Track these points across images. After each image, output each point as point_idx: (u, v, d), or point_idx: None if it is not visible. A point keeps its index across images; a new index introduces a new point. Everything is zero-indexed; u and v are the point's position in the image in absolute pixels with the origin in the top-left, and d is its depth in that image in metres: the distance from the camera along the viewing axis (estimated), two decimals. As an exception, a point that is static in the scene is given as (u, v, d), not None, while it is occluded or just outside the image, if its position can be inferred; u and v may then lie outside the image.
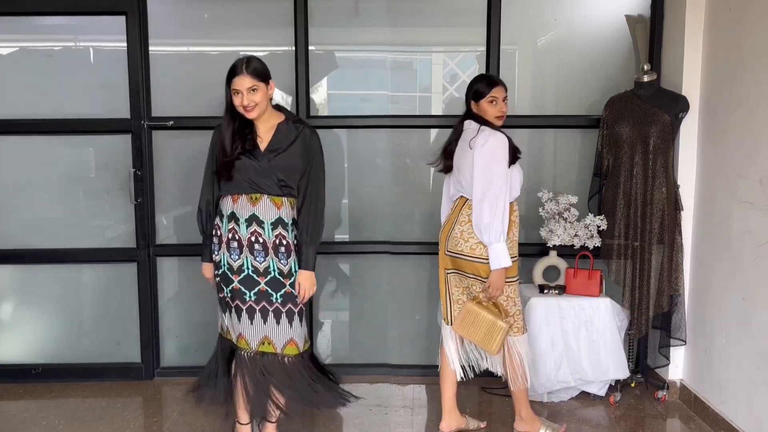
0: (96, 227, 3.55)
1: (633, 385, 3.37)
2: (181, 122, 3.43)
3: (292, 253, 2.57)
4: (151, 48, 3.43)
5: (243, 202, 2.53)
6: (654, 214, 3.14)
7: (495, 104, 2.70)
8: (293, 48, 3.42)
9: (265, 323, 2.54)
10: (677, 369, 3.28)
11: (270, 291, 2.54)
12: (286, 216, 2.56)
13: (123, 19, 3.37)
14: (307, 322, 2.80)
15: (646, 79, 3.16)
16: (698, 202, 3.17)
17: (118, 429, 3.01)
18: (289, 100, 3.49)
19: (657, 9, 3.34)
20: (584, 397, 3.28)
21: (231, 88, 2.48)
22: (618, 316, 3.23)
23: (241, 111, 2.50)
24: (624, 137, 3.17)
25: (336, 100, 3.63)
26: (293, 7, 3.38)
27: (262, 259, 2.53)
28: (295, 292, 2.56)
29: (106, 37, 3.44)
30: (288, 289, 2.55)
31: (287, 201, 2.57)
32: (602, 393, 3.27)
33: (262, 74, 2.48)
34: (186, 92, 3.50)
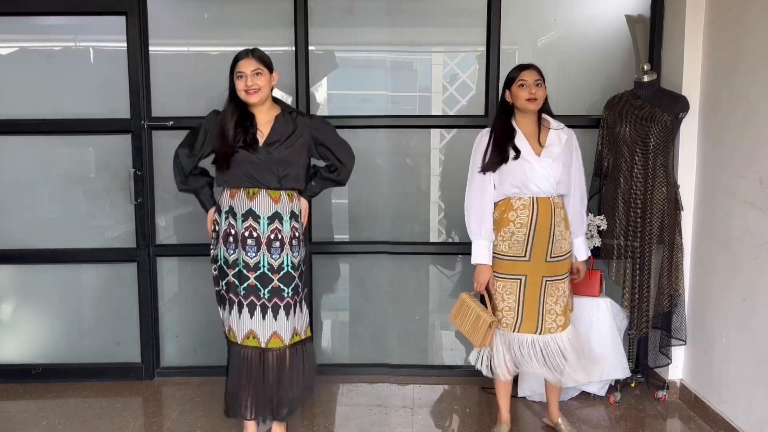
0: (96, 227, 3.55)
1: (633, 385, 3.37)
2: (181, 122, 3.43)
3: (286, 245, 2.58)
4: (151, 48, 3.43)
5: (241, 197, 2.55)
6: (654, 214, 3.14)
7: (524, 87, 2.71)
8: (293, 48, 3.42)
9: (251, 318, 2.57)
10: (677, 369, 3.28)
11: (259, 286, 2.56)
12: (284, 210, 2.57)
13: (123, 19, 3.37)
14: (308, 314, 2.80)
15: (646, 79, 3.16)
16: (698, 202, 3.17)
17: (118, 429, 3.01)
18: (289, 100, 3.49)
19: (657, 9, 3.34)
20: (584, 397, 3.28)
21: (235, 72, 2.52)
22: (618, 316, 3.23)
23: (243, 96, 2.52)
24: (624, 137, 3.17)
25: (336, 100, 3.63)
26: (293, 7, 3.39)
27: (254, 254, 2.54)
28: (282, 286, 2.57)
29: (106, 37, 3.44)
30: (276, 284, 2.57)
31: (285, 194, 2.58)
32: (602, 393, 3.27)
33: (265, 62, 2.55)
34: (186, 92, 3.50)
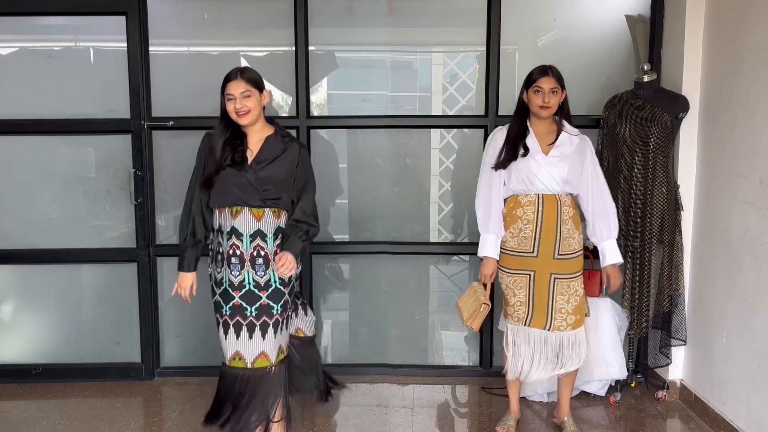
0: (96, 227, 3.55)
1: (633, 385, 3.37)
2: (181, 122, 3.43)
3: (271, 263, 2.55)
4: (151, 48, 3.43)
5: (226, 216, 2.55)
6: (654, 214, 3.14)
7: (538, 94, 2.72)
8: (293, 48, 3.42)
9: (237, 339, 2.53)
10: (677, 369, 3.28)
11: (244, 305, 2.53)
12: (267, 228, 2.56)
13: (123, 19, 3.37)
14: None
15: (646, 79, 3.16)
16: (698, 202, 3.17)
17: (118, 429, 3.01)
18: (290, 100, 3.49)
19: (657, 9, 3.34)
20: (584, 397, 3.29)
21: (225, 93, 2.53)
22: (618, 316, 3.23)
23: (233, 117, 2.52)
24: (624, 137, 3.17)
25: (336, 100, 3.63)
26: (293, 7, 3.39)
27: (237, 273, 2.53)
28: (272, 303, 2.55)
29: (106, 37, 3.44)
30: (264, 301, 2.54)
31: (270, 212, 2.56)
32: (602, 393, 3.27)
33: (255, 82, 2.54)
34: (186, 92, 3.50)
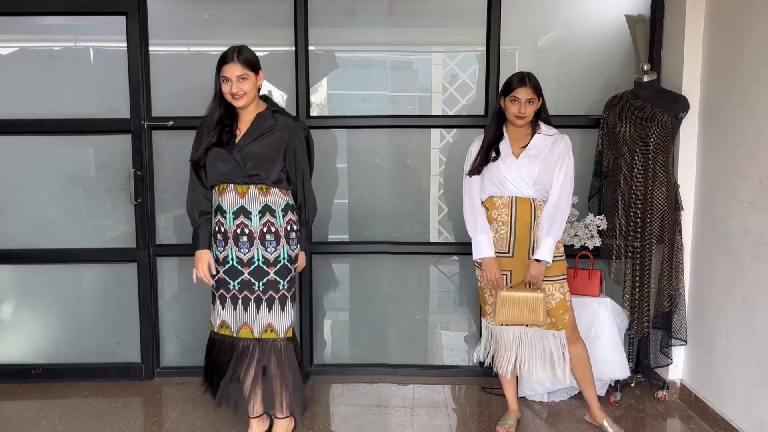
0: (96, 227, 3.55)
1: (633, 385, 3.37)
2: (181, 122, 3.43)
3: (282, 239, 2.57)
4: (151, 48, 3.43)
5: (231, 193, 2.55)
6: (654, 214, 3.14)
7: (515, 103, 2.72)
8: (293, 48, 3.42)
9: (246, 311, 2.58)
10: (677, 369, 3.28)
11: (252, 280, 2.56)
12: (274, 203, 2.57)
13: (123, 19, 3.37)
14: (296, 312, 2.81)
15: (646, 79, 3.16)
16: (698, 202, 3.17)
17: (118, 429, 3.01)
18: (290, 99, 3.49)
19: (657, 9, 3.34)
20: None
21: (221, 75, 2.51)
22: (618, 316, 3.23)
23: (229, 99, 2.52)
24: (624, 137, 3.17)
25: (336, 100, 3.63)
26: (293, 7, 3.38)
27: (247, 250, 2.54)
28: (278, 278, 2.58)
29: (106, 37, 3.44)
30: (272, 277, 2.57)
31: (277, 189, 2.57)
32: (602, 393, 3.27)
33: (252, 64, 2.51)
34: (186, 92, 3.49)
